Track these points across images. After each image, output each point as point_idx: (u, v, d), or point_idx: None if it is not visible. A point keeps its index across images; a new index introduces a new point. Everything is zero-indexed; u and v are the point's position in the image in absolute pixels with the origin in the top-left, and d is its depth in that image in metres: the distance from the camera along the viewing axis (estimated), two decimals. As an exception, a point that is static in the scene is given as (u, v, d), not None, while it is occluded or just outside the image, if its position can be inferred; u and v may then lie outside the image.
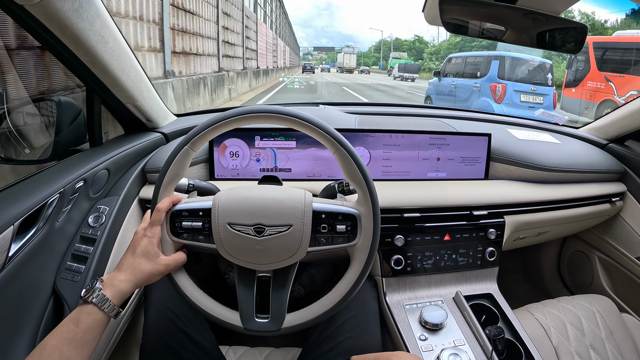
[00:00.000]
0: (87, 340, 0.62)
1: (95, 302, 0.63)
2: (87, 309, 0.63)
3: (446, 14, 0.89)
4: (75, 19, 0.78)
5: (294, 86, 17.17)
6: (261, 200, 0.72)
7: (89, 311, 0.63)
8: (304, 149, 1.15)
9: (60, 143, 1.01)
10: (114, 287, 0.66)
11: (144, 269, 0.69)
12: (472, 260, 1.14)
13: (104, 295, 0.64)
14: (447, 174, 1.23)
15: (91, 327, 0.62)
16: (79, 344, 0.61)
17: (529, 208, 1.19)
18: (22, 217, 0.73)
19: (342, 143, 0.74)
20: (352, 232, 0.75)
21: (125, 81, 1.02)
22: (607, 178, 1.34)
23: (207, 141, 0.76)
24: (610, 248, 1.41)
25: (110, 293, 0.65)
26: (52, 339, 0.60)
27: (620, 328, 1.11)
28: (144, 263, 0.69)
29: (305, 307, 0.77)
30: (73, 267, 0.86)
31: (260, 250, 0.71)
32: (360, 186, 0.75)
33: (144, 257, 0.69)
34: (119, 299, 0.66)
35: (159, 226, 0.72)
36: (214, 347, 0.93)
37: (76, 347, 0.60)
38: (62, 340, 0.60)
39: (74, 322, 0.62)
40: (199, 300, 0.76)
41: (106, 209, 0.96)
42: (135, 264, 0.69)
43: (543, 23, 0.95)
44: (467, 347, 0.94)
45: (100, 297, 0.64)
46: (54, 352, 0.58)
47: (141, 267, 0.69)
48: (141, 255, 0.69)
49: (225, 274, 1.48)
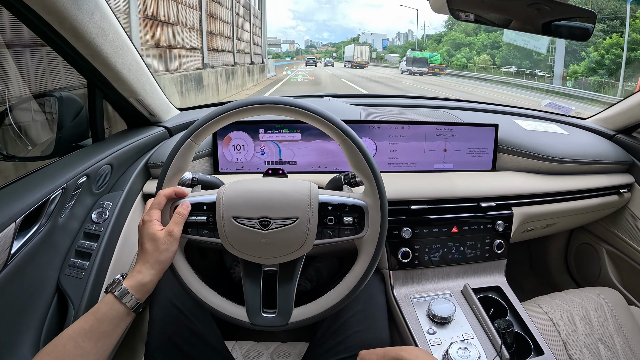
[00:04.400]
0: (104, 332, 0.61)
1: (114, 292, 0.63)
2: (105, 299, 0.63)
3: (453, 2, 0.88)
4: (74, 11, 0.77)
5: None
6: (266, 193, 0.71)
7: (107, 301, 0.63)
8: (309, 141, 1.14)
9: (63, 139, 1.01)
10: (133, 279, 0.65)
11: (153, 253, 0.67)
12: (480, 253, 1.13)
13: (123, 286, 0.64)
14: (454, 165, 1.22)
15: (108, 317, 0.62)
16: (95, 335, 0.60)
17: (537, 199, 1.18)
18: (24, 213, 0.72)
19: (348, 133, 0.72)
20: (359, 224, 0.73)
21: (127, 75, 1.00)
22: (615, 169, 1.32)
23: (210, 134, 0.75)
24: (618, 240, 1.39)
25: (128, 283, 0.65)
26: (70, 330, 0.60)
27: (629, 321, 1.10)
28: (151, 248, 0.68)
29: (313, 301, 0.76)
30: (77, 263, 0.86)
31: (266, 244, 0.70)
32: (367, 177, 0.74)
33: (149, 242, 0.68)
34: (138, 290, 0.65)
35: (157, 210, 0.71)
36: (220, 342, 0.92)
37: (92, 338, 0.60)
38: (78, 330, 0.60)
39: (92, 313, 0.62)
40: (204, 296, 0.75)
41: (109, 205, 0.95)
42: (146, 253, 0.68)
43: (549, 12, 0.93)
44: (476, 340, 0.93)
45: (119, 289, 0.64)
46: (69, 342, 0.58)
47: (150, 252, 0.68)
48: (147, 242, 0.68)
49: (230, 268, 1.47)
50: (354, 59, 40.56)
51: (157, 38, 6.80)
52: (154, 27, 6.68)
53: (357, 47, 42.19)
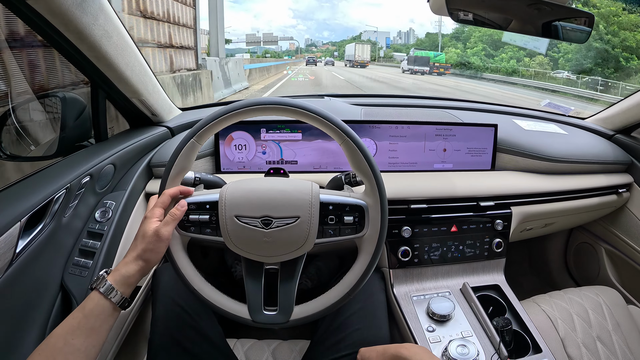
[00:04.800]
0: (92, 328, 0.61)
1: (97, 288, 0.63)
2: (91, 295, 0.64)
3: (452, 3, 0.89)
4: (78, 13, 0.78)
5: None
6: (268, 192, 0.72)
7: (92, 297, 0.63)
8: (310, 141, 1.15)
9: (66, 139, 1.01)
10: (117, 272, 0.65)
11: (140, 250, 0.67)
12: (479, 252, 1.13)
13: (107, 281, 0.64)
14: (454, 165, 1.23)
15: (95, 312, 0.62)
16: (83, 331, 0.60)
17: (536, 199, 1.18)
18: (28, 213, 0.73)
19: (349, 134, 0.73)
20: (359, 223, 0.75)
21: (130, 75, 1.01)
22: (614, 169, 1.32)
23: (212, 134, 0.75)
24: (617, 239, 1.40)
25: (112, 278, 0.65)
26: (59, 328, 0.60)
27: (627, 320, 1.11)
28: (139, 244, 0.68)
29: (314, 299, 0.77)
30: (81, 262, 0.87)
31: (267, 243, 0.71)
32: (367, 177, 0.74)
33: (140, 238, 0.68)
34: (122, 284, 0.65)
35: (160, 208, 0.71)
36: (222, 340, 0.93)
37: (80, 335, 0.60)
38: (67, 328, 0.60)
39: (80, 310, 0.62)
40: (207, 293, 0.76)
41: (113, 204, 0.96)
42: (134, 248, 0.68)
43: (548, 13, 0.94)
44: (475, 338, 0.94)
45: (103, 284, 0.64)
46: (58, 340, 0.59)
47: (138, 248, 0.68)
48: (138, 238, 0.68)
49: (232, 266, 1.48)
50: (355, 58, 39.43)
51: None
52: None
53: (358, 45, 40.74)
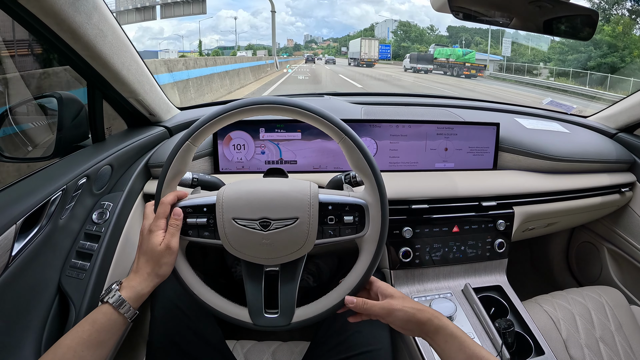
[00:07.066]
0: (102, 341, 0.62)
1: (111, 302, 0.63)
2: (103, 309, 0.64)
3: (454, 0, 0.87)
4: (71, 12, 0.77)
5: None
6: (266, 193, 0.71)
7: (105, 311, 0.63)
8: (310, 141, 1.14)
9: (63, 139, 1.00)
10: (131, 289, 0.66)
11: (154, 267, 0.68)
12: (481, 252, 1.12)
13: (120, 296, 0.64)
14: (455, 165, 1.22)
15: (106, 327, 0.63)
16: (94, 344, 0.61)
17: (538, 199, 1.17)
18: (24, 215, 0.72)
19: (347, 132, 0.72)
20: (360, 223, 0.73)
21: (126, 75, 1.00)
22: (617, 168, 1.31)
23: (209, 135, 0.74)
24: (620, 239, 1.39)
25: (126, 294, 0.65)
26: (67, 339, 0.60)
27: (630, 320, 1.10)
28: (151, 262, 0.68)
29: (315, 301, 0.76)
30: (78, 264, 0.85)
31: (266, 245, 0.70)
32: (367, 175, 0.73)
33: (149, 256, 0.68)
34: (135, 300, 0.65)
35: (163, 219, 0.71)
36: (221, 342, 0.93)
37: (90, 347, 0.60)
38: (77, 340, 0.60)
39: (90, 323, 0.62)
40: (206, 297, 0.75)
41: (110, 205, 0.95)
42: (146, 265, 0.68)
43: (550, 10, 0.93)
44: (477, 340, 0.93)
45: (116, 298, 0.64)
46: (68, 352, 0.59)
47: (150, 265, 0.68)
48: (148, 255, 0.68)
49: (232, 267, 1.47)
50: (361, 56, 33.21)
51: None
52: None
53: (364, 41, 33.72)
